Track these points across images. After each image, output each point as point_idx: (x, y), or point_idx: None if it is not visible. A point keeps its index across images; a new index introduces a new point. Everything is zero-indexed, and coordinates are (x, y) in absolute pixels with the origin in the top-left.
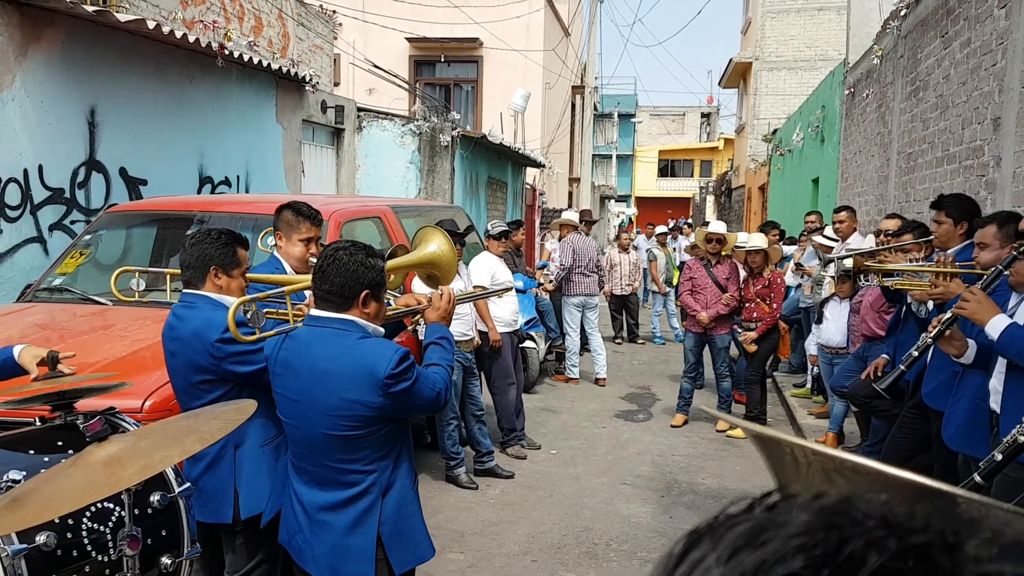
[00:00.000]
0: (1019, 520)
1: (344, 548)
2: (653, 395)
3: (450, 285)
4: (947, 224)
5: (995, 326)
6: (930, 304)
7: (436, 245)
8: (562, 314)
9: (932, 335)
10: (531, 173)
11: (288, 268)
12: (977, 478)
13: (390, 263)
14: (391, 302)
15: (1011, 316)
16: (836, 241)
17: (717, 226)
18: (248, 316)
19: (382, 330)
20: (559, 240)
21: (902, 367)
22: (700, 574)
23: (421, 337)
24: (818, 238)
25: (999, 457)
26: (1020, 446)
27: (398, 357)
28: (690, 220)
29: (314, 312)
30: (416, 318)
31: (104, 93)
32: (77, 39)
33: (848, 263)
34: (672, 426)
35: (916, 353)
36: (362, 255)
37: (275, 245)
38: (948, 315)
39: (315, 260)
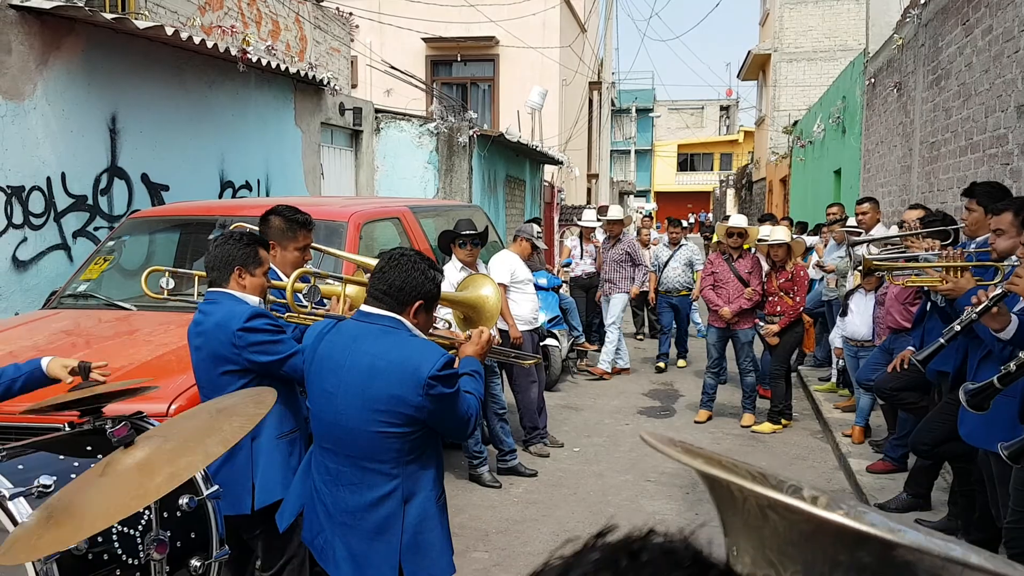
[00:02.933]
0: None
1: (365, 553)
2: (676, 391)
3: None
4: (978, 212)
5: None
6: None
7: (487, 291)
8: (609, 308)
9: (978, 310)
10: (549, 170)
11: (282, 276)
12: (1004, 454)
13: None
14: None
15: None
16: (860, 232)
17: (738, 220)
18: (304, 291)
19: (426, 338)
20: (606, 237)
21: (942, 340)
22: None
23: None
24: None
25: None
26: None
27: (444, 360)
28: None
29: (365, 308)
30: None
31: (125, 100)
32: (97, 47)
33: (859, 254)
34: (696, 422)
35: (959, 327)
36: (425, 265)
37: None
38: (998, 290)
39: (309, 265)
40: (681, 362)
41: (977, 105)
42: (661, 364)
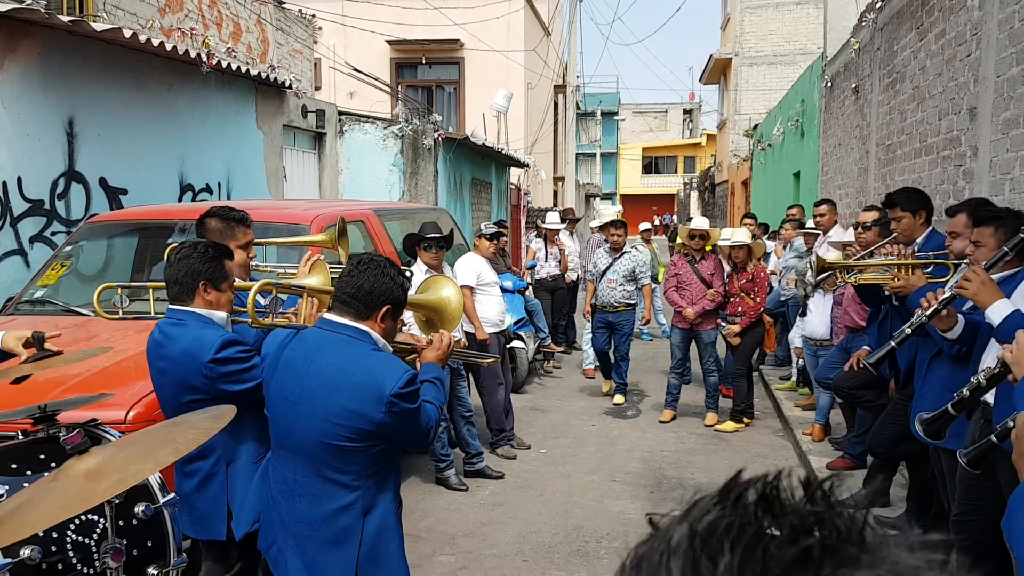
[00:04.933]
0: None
1: (321, 563)
2: (641, 391)
3: (452, 333)
4: (906, 217)
5: (998, 311)
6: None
7: (449, 292)
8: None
9: (928, 313)
10: (515, 173)
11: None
12: (963, 461)
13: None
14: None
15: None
16: (818, 234)
17: (700, 222)
18: (266, 302)
19: (391, 348)
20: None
21: (893, 343)
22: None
23: None
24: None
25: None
26: (1008, 431)
27: (407, 377)
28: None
29: (329, 316)
30: (411, 357)
31: (82, 103)
32: (54, 49)
33: (811, 262)
34: (660, 422)
35: (909, 331)
36: (394, 271)
37: None
38: (947, 293)
39: (254, 262)
40: (618, 397)
41: (931, 108)
42: (611, 390)
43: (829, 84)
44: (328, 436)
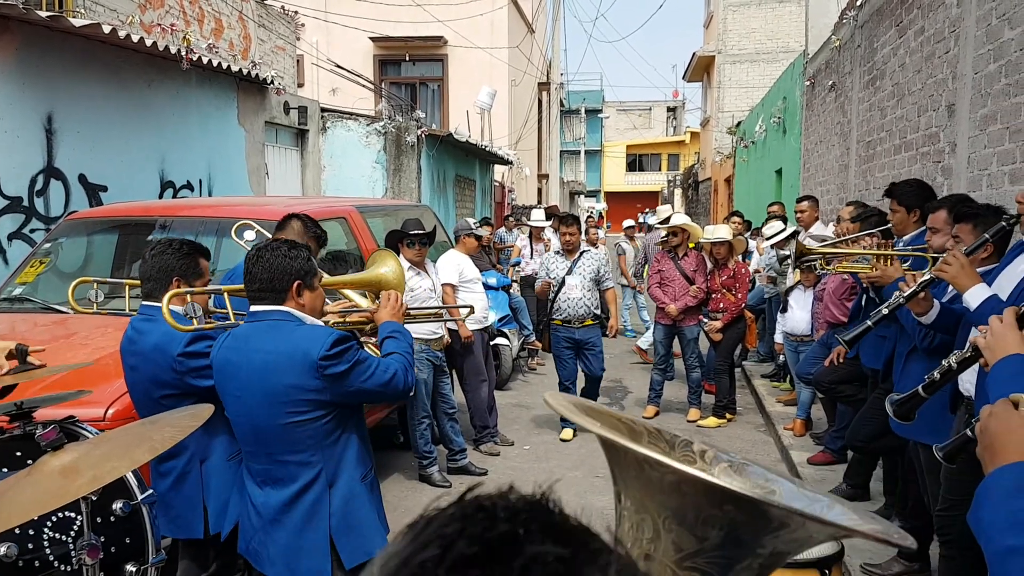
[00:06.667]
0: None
1: (298, 546)
2: (625, 388)
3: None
4: (900, 212)
5: (975, 295)
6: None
7: (388, 268)
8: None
9: (905, 294)
10: (499, 170)
11: None
12: (939, 455)
13: (339, 278)
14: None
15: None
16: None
17: (678, 219)
18: (183, 309)
19: (320, 322)
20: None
21: (869, 323)
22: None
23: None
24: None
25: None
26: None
27: (332, 339)
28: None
29: (253, 308)
30: (369, 326)
31: (61, 99)
32: (32, 45)
33: (792, 247)
34: (644, 418)
35: (886, 311)
36: (284, 248)
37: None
38: (927, 276)
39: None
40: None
41: (910, 104)
42: (569, 433)
43: (810, 81)
44: (276, 417)
